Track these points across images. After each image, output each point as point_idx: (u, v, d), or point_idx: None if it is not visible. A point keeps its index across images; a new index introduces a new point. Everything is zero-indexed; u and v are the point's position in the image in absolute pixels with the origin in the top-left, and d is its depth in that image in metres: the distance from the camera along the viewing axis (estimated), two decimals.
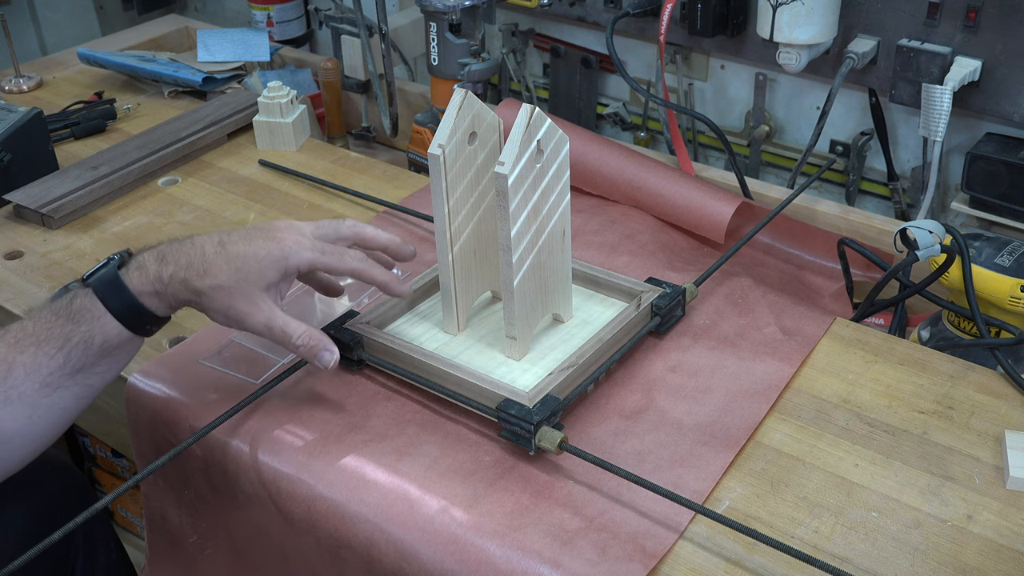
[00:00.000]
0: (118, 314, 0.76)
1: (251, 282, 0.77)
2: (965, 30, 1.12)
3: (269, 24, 1.74)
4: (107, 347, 0.76)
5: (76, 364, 0.75)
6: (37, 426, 0.75)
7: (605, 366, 0.85)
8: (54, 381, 0.74)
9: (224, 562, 0.90)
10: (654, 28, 1.32)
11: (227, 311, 0.77)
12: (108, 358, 0.77)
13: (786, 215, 1.14)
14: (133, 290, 0.76)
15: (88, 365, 0.76)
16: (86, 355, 0.75)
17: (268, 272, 0.77)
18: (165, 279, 0.76)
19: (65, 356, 0.75)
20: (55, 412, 0.76)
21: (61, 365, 0.75)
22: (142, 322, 0.77)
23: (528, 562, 0.70)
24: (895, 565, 0.70)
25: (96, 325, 0.76)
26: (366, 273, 0.82)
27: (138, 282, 0.76)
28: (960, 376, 0.88)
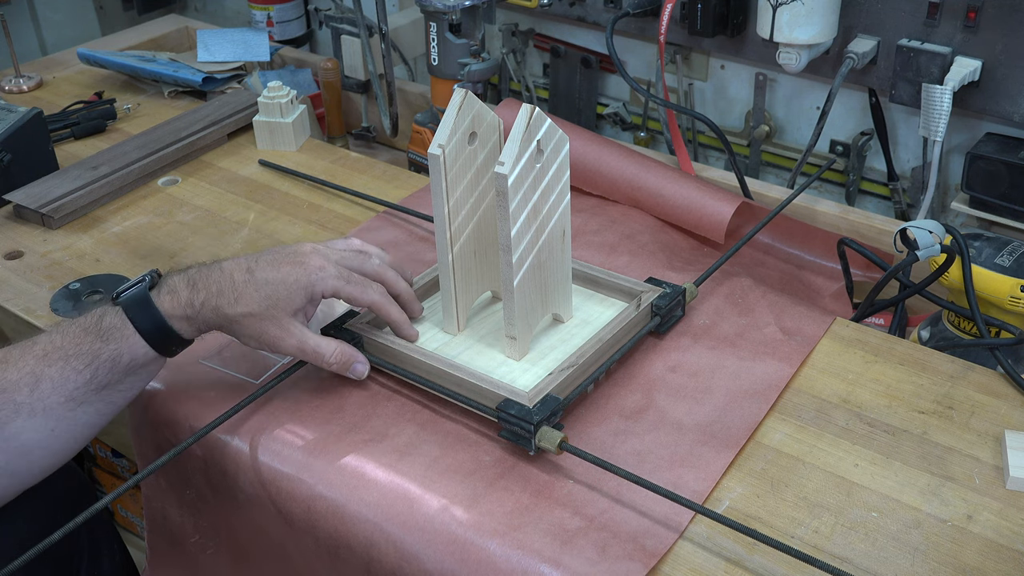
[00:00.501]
0: (147, 335, 0.78)
1: (281, 308, 0.80)
2: (965, 30, 1.12)
3: (269, 24, 1.74)
4: (133, 366, 0.78)
5: (102, 381, 0.77)
6: (59, 440, 0.76)
7: (605, 366, 0.85)
8: (79, 396, 0.76)
9: (225, 562, 0.90)
10: (654, 28, 1.32)
11: (260, 337, 0.81)
12: (132, 376, 0.79)
13: (786, 215, 1.14)
14: (164, 313, 0.78)
15: (114, 383, 0.78)
16: (112, 373, 0.77)
17: (296, 298, 0.80)
18: (196, 305, 0.79)
19: (92, 372, 0.76)
20: (77, 427, 0.77)
21: (87, 381, 0.76)
22: (169, 344, 0.80)
23: (528, 561, 0.70)
24: (895, 565, 0.70)
25: (125, 344, 0.77)
26: (383, 309, 0.86)
27: (169, 306, 0.79)
28: (960, 376, 0.88)
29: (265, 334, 0.80)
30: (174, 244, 1.12)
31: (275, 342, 0.81)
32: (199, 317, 0.79)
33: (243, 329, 0.80)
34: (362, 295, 0.84)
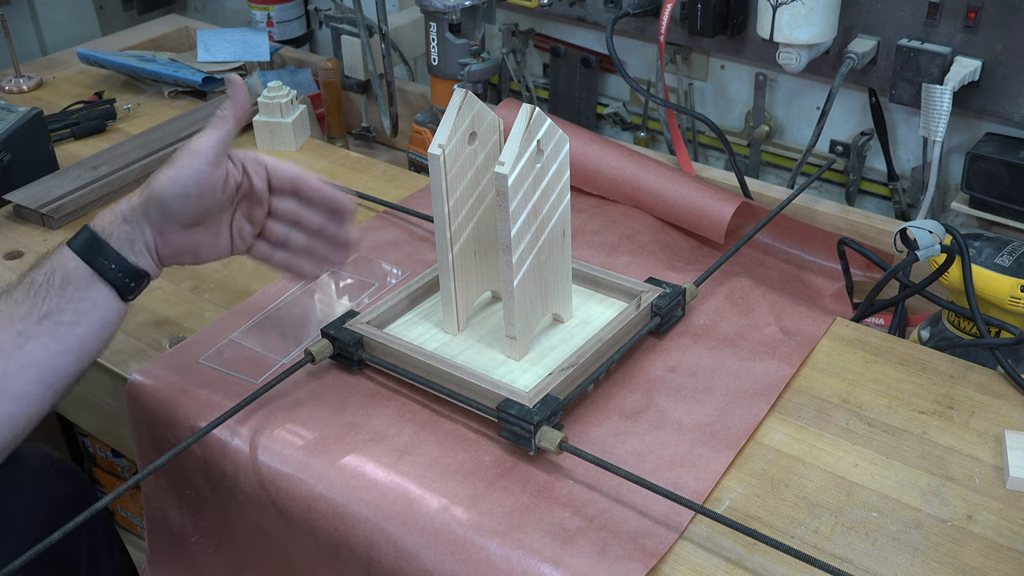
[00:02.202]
0: (73, 243, 0.78)
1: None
2: (965, 30, 1.12)
3: (269, 24, 1.74)
4: (67, 284, 0.76)
5: (41, 308, 0.76)
6: (12, 380, 0.74)
7: (605, 366, 0.85)
8: (24, 330, 0.75)
9: (225, 562, 0.90)
10: (654, 28, 1.32)
11: (173, 164, 0.79)
12: (73, 304, 0.76)
13: (786, 215, 1.14)
14: (93, 222, 0.79)
15: (53, 310, 0.76)
16: (49, 296, 0.76)
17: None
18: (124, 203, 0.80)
19: (31, 300, 0.76)
20: (30, 367, 0.75)
21: (28, 310, 0.75)
22: (95, 250, 0.78)
23: (528, 561, 0.70)
24: (895, 565, 0.70)
25: (56, 260, 0.77)
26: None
27: (100, 215, 0.80)
28: (960, 376, 0.88)
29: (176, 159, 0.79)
30: None
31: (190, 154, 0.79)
32: (121, 204, 0.79)
33: (158, 174, 0.79)
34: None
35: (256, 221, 0.85)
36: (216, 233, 0.83)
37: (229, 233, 0.84)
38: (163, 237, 0.80)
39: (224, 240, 0.84)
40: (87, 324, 0.78)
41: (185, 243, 0.81)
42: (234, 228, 0.84)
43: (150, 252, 0.80)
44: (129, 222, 0.79)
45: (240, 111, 0.81)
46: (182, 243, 0.81)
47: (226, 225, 0.83)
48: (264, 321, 0.96)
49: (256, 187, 0.83)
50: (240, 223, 0.84)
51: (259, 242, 0.86)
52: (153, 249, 0.80)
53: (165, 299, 1.03)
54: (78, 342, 0.77)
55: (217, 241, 0.83)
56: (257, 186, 0.83)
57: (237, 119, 0.80)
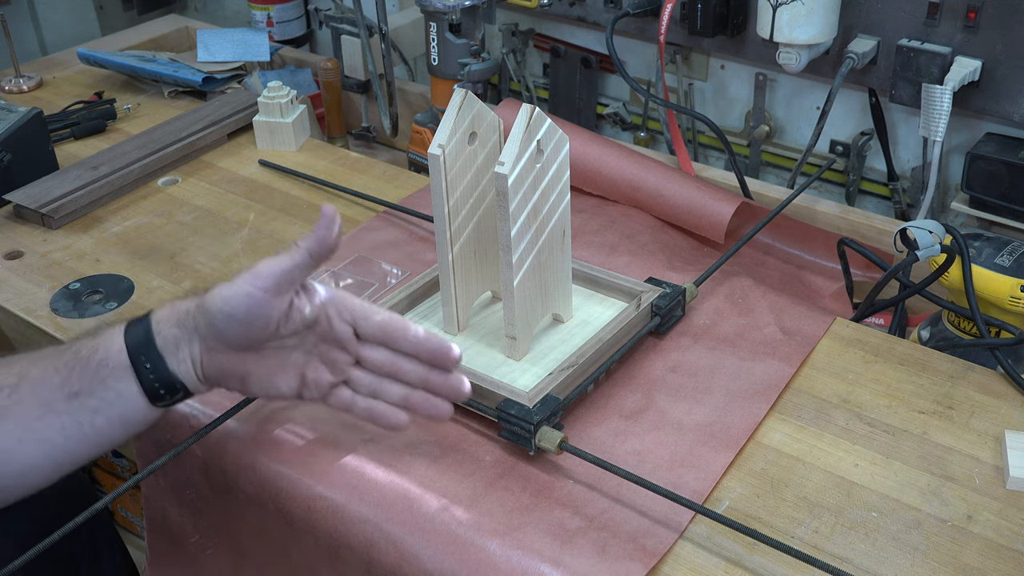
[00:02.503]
0: (131, 331, 0.72)
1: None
2: (965, 30, 1.12)
3: (269, 24, 1.74)
4: (103, 367, 0.71)
5: (74, 386, 0.71)
6: (23, 452, 0.71)
7: (605, 366, 0.85)
8: (51, 402, 0.71)
9: (225, 562, 0.90)
10: (654, 28, 1.32)
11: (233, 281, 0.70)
12: (102, 389, 0.71)
13: (786, 215, 1.14)
14: (155, 311, 0.73)
15: (84, 391, 0.71)
16: (85, 372, 0.71)
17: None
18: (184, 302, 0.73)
19: (68, 372, 0.71)
20: (43, 444, 0.71)
21: (62, 383, 0.71)
22: (140, 343, 0.72)
23: (528, 561, 0.70)
24: (895, 565, 0.70)
25: (105, 338, 0.72)
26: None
27: (163, 306, 0.74)
28: (960, 376, 0.88)
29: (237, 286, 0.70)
30: (174, 244, 1.12)
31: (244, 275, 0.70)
32: (176, 302, 0.73)
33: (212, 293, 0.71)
34: None
35: (338, 369, 0.75)
36: (273, 368, 0.74)
37: (297, 375, 0.75)
38: (209, 353, 0.72)
39: (285, 380, 0.75)
40: (107, 416, 0.72)
41: (232, 367, 0.73)
42: (308, 372, 0.74)
43: (194, 364, 0.73)
44: (180, 326, 0.72)
45: (320, 246, 0.70)
46: (228, 366, 0.73)
47: (292, 365, 0.74)
48: None
49: (337, 331, 0.73)
50: (318, 369, 0.75)
51: (340, 388, 0.76)
52: (198, 362, 0.73)
53: (165, 299, 1.02)
54: (95, 433, 0.72)
55: (273, 377, 0.74)
56: (339, 330, 0.73)
57: (314, 254, 0.70)
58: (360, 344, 0.75)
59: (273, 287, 0.70)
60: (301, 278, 0.71)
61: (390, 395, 0.76)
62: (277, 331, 0.72)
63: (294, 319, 0.72)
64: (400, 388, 0.75)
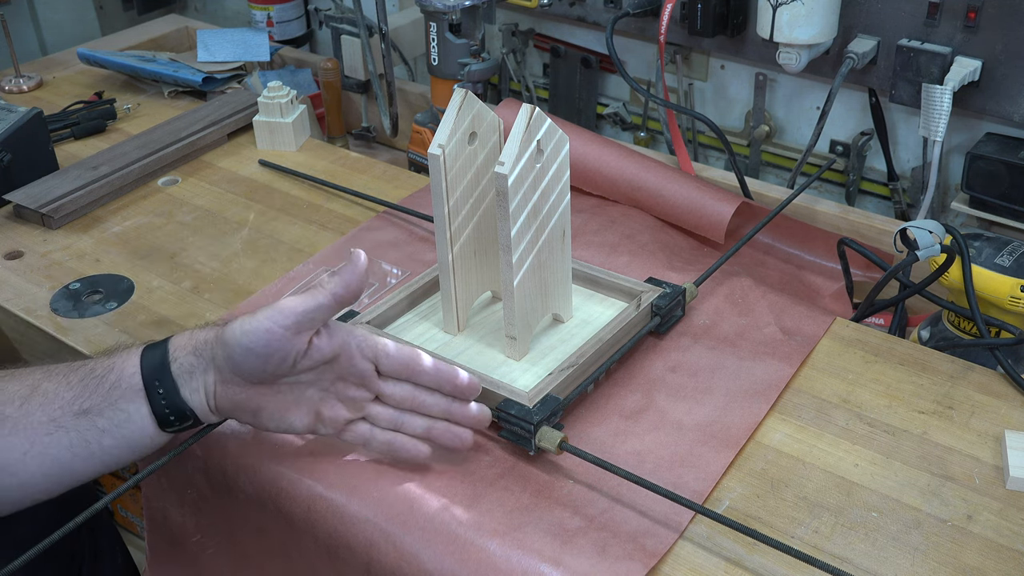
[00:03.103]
0: (148, 354, 0.72)
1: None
2: (965, 30, 1.12)
3: (269, 24, 1.74)
4: (115, 387, 0.71)
5: (85, 403, 0.71)
6: (28, 467, 0.71)
7: (605, 366, 0.85)
8: (59, 417, 0.71)
9: (225, 562, 0.90)
10: (654, 28, 1.32)
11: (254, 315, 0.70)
12: (111, 410, 0.71)
13: (786, 215, 1.14)
14: (175, 336, 0.73)
15: (94, 410, 0.71)
16: (97, 390, 0.71)
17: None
18: (204, 331, 0.73)
19: (80, 389, 0.71)
20: (48, 460, 0.71)
21: (73, 399, 0.71)
22: (155, 368, 0.72)
23: (528, 561, 0.70)
24: (895, 565, 0.70)
25: (121, 358, 0.72)
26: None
27: (184, 332, 0.74)
28: (960, 376, 0.88)
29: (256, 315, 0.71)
30: (174, 244, 1.12)
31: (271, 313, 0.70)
32: (196, 331, 0.73)
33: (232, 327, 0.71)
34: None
35: (357, 406, 0.76)
36: (287, 404, 0.74)
37: (312, 412, 0.75)
38: (223, 385, 0.72)
39: (299, 416, 0.75)
40: (115, 437, 0.72)
41: (245, 400, 0.73)
42: (324, 410, 0.75)
43: (207, 394, 0.73)
44: (197, 355, 0.72)
45: (346, 291, 0.70)
46: (242, 399, 0.73)
47: (307, 401, 0.75)
48: None
49: (359, 368, 0.74)
50: (334, 407, 0.75)
51: (357, 424, 0.77)
52: (211, 393, 0.73)
53: (165, 299, 1.03)
54: (102, 453, 0.72)
55: (287, 413, 0.75)
56: (360, 367, 0.74)
57: (338, 298, 0.70)
58: (380, 380, 0.76)
59: (294, 326, 0.70)
60: (323, 319, 0.72)
61: (412, 427, 0.77)
62: (294, 367, 0.72)
63: (312, 356, 0.72)
64: (422, 420, 0.77)
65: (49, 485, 0.73)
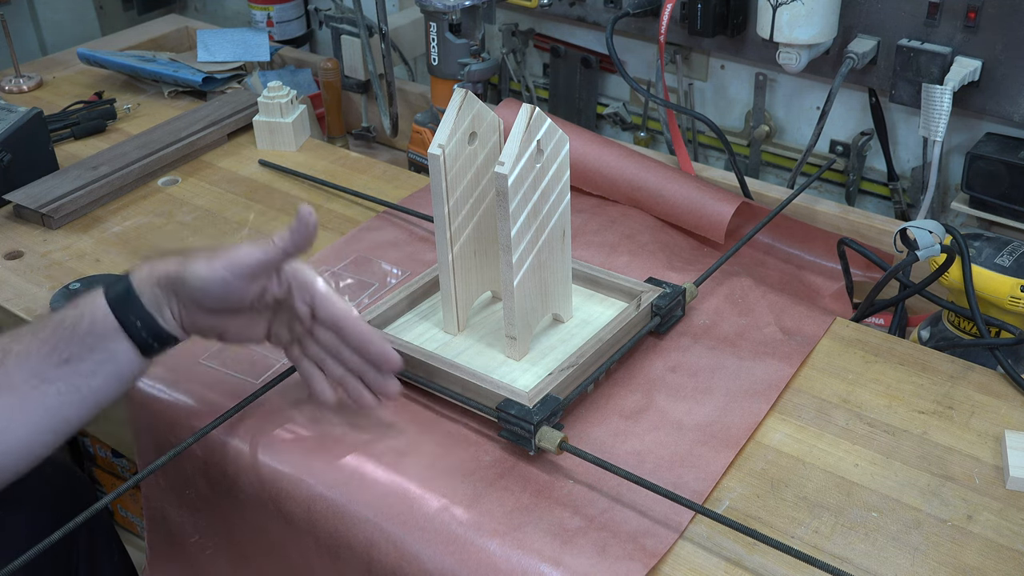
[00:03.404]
0: (108, 292, 0.75)
1: None
2: (965, 30, 1.12)
3: (269, 24, 1.74)
4: (92, 333, 0.74)
5: (63, 353, 0.73)
6: (23, 421, 0.73)
7: (605, 366, 0.85)
8: (42, 371, 0.73)
9: (225, 562, 0.90)
10: (654, 28, 1.32)
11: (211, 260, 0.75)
12: (93, 353, 0.74)
13: (786, 215, 1.14)
14: (132, 272, 0.76)
15: (75, 357, 0.73)
16: (72, 342, 0.74)
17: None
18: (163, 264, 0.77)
19: (55, 342, 0.74)
20: (41, 410, 0.73)
21: (50, 352, 0.73)
22: (126, 303, 0.75)
23: (528, 561, 0.70)
24: (895, 565, 0.70)
25: (88, 305, 0.75)
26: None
27: (139, 267, 0.77)
28: (960, 376, 0.88)
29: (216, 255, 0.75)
30: (174, 244, 1.12)
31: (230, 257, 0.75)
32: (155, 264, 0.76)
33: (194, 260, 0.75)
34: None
35: (294, 335, 0.81)
36: (247, 325, 0.80)
37: (266, 326, 0.81)
38: (188, 313, 0.77)
39: (258, 332, 0.81)
40: (103, 376, 0.75)
41: (210, 325, 0.78)
42: (273, 327, 0.81)
43: (176, 318, 0.77)
44: (160, 287, 0.76)
45: (293, 247, 0.76)
46: (206, 324, 0.78)
47: (262, 323, 0.81)
48: None
49: (298, 309, 0.79)
50: (280, 327, 0.81)
51: (293, 346, 0.82)
52: (179, 317, 0.77)
53: None
54: (92, 394, 0.75)
55: (248, 331, 0.80)
56: (299, 308, 0.79)
57: (286, 252, 0.76)
58: (315, 323, 0.81)
59: (248, 275, 0.75)
60: (274, 269, 0.77)
61: (331, 371, 0.82)
62: (250, 307, 0.78)
63: (264, 299, 0.78)
64: (341, 370, 0.81)
65: (45, 437, 0.75)
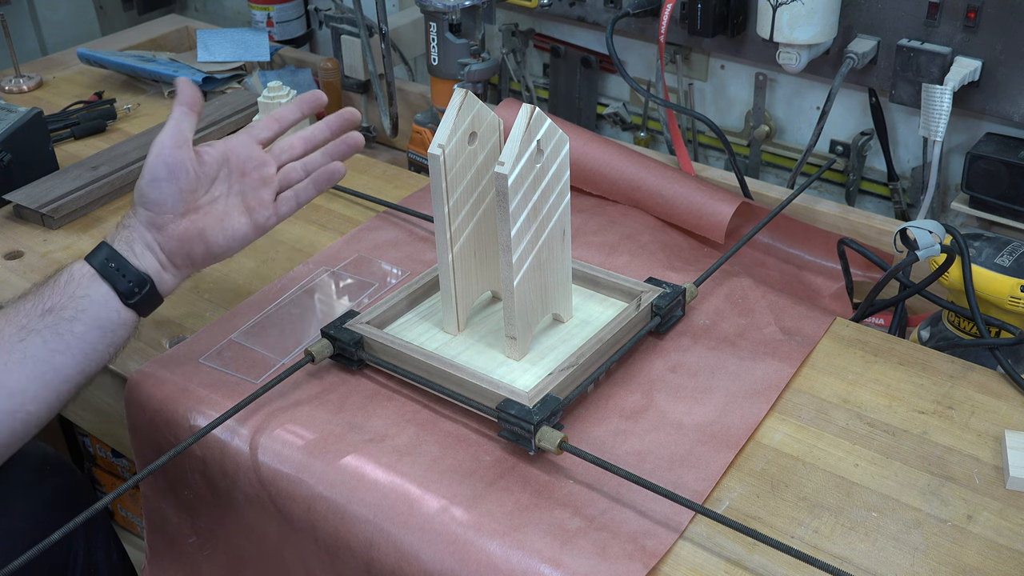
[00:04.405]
0: (89, 253, 0.80)
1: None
2: (965, 30, 1.12)
3: (269, 24, 1.74)
4: (70, 282, 0.79)
5: (46, 304, 0.78)
6: (11, 374, 0.75)
7: (605, 366, 0.85)
8: (27, 323, 0.77)
9: (224, 562, 0.90)
10: (654, 28, 1.32)
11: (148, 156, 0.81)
12: (73, 301, 0.78)
13: (786, 215, 1.14)
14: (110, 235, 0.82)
15: (56, 306, 0.78)
16: (53, 292, 0.78)
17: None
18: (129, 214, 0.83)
19: (37, 296, 0.78)
20: (28, 361, 0.76)
21: (33, 305, 0.78)
22: (102, 253, 0.80)
23: (528, 561, 0.70)
24: (895, 565, 0.70)
25: (68, 266, 0.80)
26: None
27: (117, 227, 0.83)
28: (960, 376, 0.88)
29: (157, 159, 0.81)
30: None
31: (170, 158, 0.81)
32: (128, 217, 0.82)
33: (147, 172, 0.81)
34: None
35: (270, 180, 0.87)
36: (220, 216, 0.84)
37: (244, 209, 0.85)
38: (161, 232, 0.81)
39: (237, 218, 0.85)
40: (84, 323, 0.78)
41: (186, 232, 0.82)
42: (251, 201, 0.85)
43: (153, 252, 0.81)
44: (126, 227, 0.82)
45: (185, 101, 0.83)
46: (183, 233, 0.82)
47: (234, 207, 0.85)
48: (264, 321, 0.96)
49: (248, 153, 0.86)
50: (257, 193, 0.86)
51: (281, 198, 0.88)
52: (156, 248, 0.81)
53: None
54: (77, 341, 0.78)
55: (225, 222, 0.84)
56: (249, 151, 0.86)
57: (186, 106, 0.83)
58: (273, 153, 0.88)
59: (171, 143, 0.81)
60: (191, 128, 0.83)
61: (313, 164, 0.90)
62: (198, 177, 0.82)
63: (205, 160, 0.83)
64: (303, 171, 0.90)
65: (40, 390, 0.77)
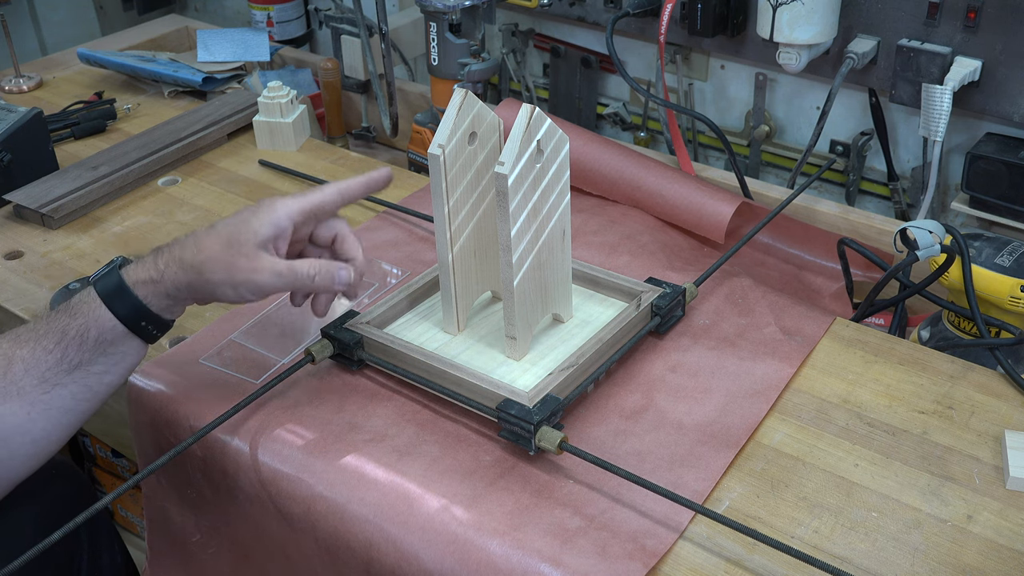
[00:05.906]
0: (112, 305, 0.76)
1: (244, 242, 0.77)
2: (965, 30, 1.12)
3: (269, 24, 1.74)
4: (102, 341, 0.76)
5: (73, 360, 0.76)
6: (36, 424, 0.75)
7: (605, 366, 0.85)
8: (52, 377, 0.75)
9: (225, 562, 0.90)
10: (654, 28, 1.32)
11: (232, 278, 0.76)
12: (105, 357, 0.77)
13: (786, 215, 1.14)
14: (128, 281, 0.77)
15: (85, 362, 0.76)
16: (82, 350, 0.76)
17: (260, 229, 0.77)
18: (161, 266, 0.77)
19: (62, 352, 0.75)
20: (54, 411, 0.76)
21: (59, 360, 0.75)
22: (137, 316, 0.77)
23: (528, 561, 0.70)
24: (895, 565, 0.70)
25: (91, 317, 0.76)
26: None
27: (134, 273, 0.77)
28: (960, 376, 0.88)
29: (236, 272, 0.76)
30: None
31: (249, 277, 0.76)
32: (165, 278, 0.77)
33: (212, 275, 0.76)
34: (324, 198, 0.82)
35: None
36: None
37: None
38: (203, 301, 0.81)
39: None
40: (115, 374, 0.79)
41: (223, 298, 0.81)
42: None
43: (182, 303, 0.80)
44: (172, 297, 0.78)
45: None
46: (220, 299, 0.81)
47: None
48: (264, 321, 0.96)
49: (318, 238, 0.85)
50: None
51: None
52: (189, 301, 0.80)
53: None
54: (104, 387, 0.78)
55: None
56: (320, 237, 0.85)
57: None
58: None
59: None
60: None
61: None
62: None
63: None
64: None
65: (61, 433, 0.78)
